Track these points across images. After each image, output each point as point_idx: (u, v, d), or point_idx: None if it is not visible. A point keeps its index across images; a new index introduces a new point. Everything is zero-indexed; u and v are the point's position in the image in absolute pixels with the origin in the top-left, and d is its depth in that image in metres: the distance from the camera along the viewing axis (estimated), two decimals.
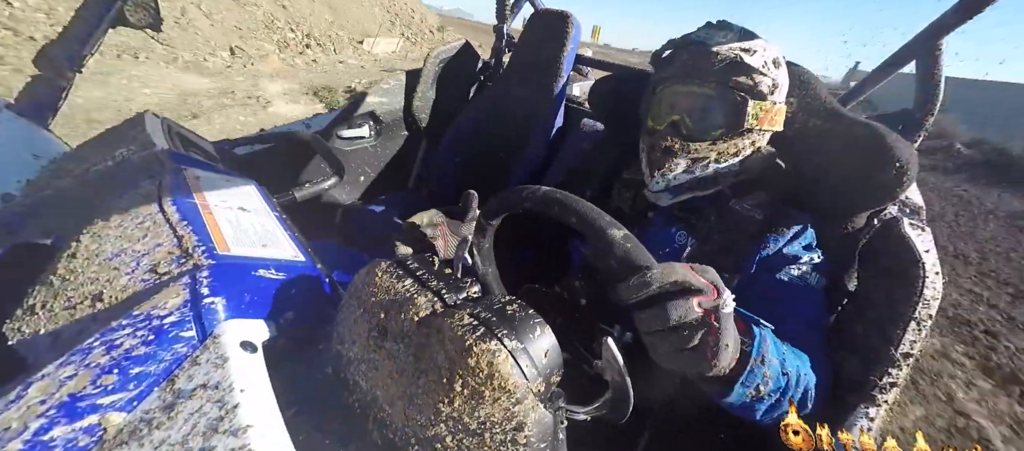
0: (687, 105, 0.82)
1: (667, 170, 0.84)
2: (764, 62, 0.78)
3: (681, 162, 0.83)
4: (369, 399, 0.47)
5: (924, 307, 0.74)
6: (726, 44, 0.78)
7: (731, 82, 0.78)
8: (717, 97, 0.80)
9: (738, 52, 0.77)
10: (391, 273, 0.50)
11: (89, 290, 0.54)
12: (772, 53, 0.80)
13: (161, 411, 0.42)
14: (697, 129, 0.81)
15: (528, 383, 0.41)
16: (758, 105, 0.79)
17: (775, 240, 0.81)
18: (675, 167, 0.84)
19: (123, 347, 0.45)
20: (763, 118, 0.81)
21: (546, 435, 0.42)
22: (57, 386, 0.42)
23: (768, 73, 0.79)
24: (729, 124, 0.81)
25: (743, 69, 0.77)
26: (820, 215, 0.89)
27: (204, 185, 0.74)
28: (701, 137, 0.82)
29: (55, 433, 0.40)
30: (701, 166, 0.84)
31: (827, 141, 0.90)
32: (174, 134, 0.99)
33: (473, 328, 0.42)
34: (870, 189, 0.83)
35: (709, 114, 0.81)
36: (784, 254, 0.80)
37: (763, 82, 0.79)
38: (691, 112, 0.82)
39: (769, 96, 0.80)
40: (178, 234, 0.57)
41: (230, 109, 4.84)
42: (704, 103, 0.81)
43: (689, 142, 0.82)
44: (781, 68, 0.82)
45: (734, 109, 0.80)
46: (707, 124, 0.81)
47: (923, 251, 0.78)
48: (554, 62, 1.53)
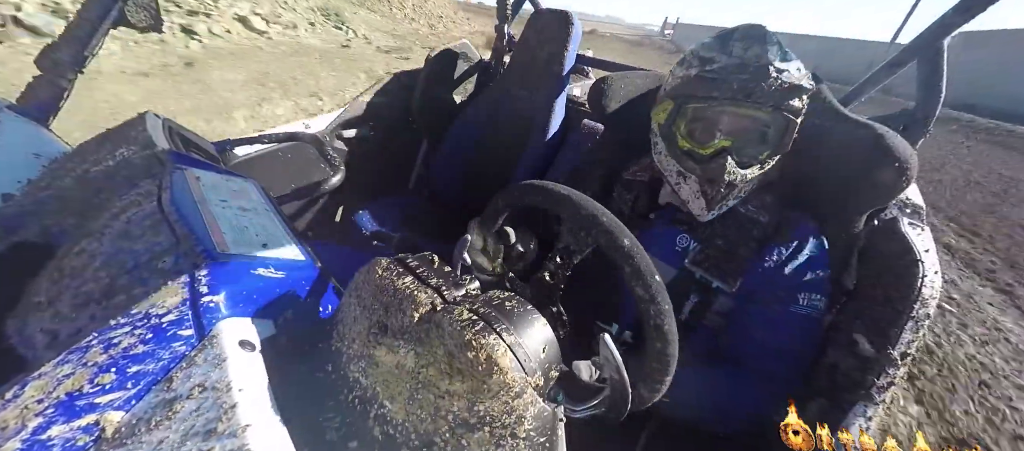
0: (742, 129, 0.77)
1: (724, 204, 0.81)
2: (809, 79, 0.75)
3: (735, 191, 0.80)
4: (369, 395, 0.47)
5: (922, 306, 0.74)
6: (782, 63, 0.73)
7: (785, 106, 0.74)
8: (773, 122, 0.76)
9: (796, 76, 0.73)
10: (391, 271, 0.50)
11: (88, 289, 0.54)
12: (800, 64, 0.76)
13: (160, 410, 0.42)
14: (750, 155, 0.77)
15: (527, 377, 0.41)
16: (797, 124, 0.77)
17: (778, 251, 0.80)
18: (728, 201, 0.81)
19: (121, 346, 0.45)
20: (794, 133, 0.78)
21: (545, 429, 0.42)
22: (55, 385, 0.42)
23: (807, 91, 0.75)
24: (777, 148, 0.77)
25: (800, 92, 0.74)
26: (821, 215, 0.89)
27: (204, 185, 0.74)
28: (752, 163, 0.77)
29: (53, 432, 0.40)
30: (746, 189, 0.81)
31: (828, 141, 0.90)
32: (174, 134, 0.99)
33: (472, 323, 0.42)
34: (870, 189, 0.83)
35: (765, 139, 0.77)
36: (788, 275, 0.79)
37: (803, 100, 0.76)
38: (746, 136, 0.77)
39: (802, 113, 0.77)
40: (177, 234, 0.57)
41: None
42: (762, 128, 0.77)
43: (742, 169, 0.77)
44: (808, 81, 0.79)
45: (786, 133, 0.76)
46: (760, 150, 0.77)
47: (922, 250, 0.78)
48: (554, 62, 1.53)
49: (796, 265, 0.79)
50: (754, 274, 0.81)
